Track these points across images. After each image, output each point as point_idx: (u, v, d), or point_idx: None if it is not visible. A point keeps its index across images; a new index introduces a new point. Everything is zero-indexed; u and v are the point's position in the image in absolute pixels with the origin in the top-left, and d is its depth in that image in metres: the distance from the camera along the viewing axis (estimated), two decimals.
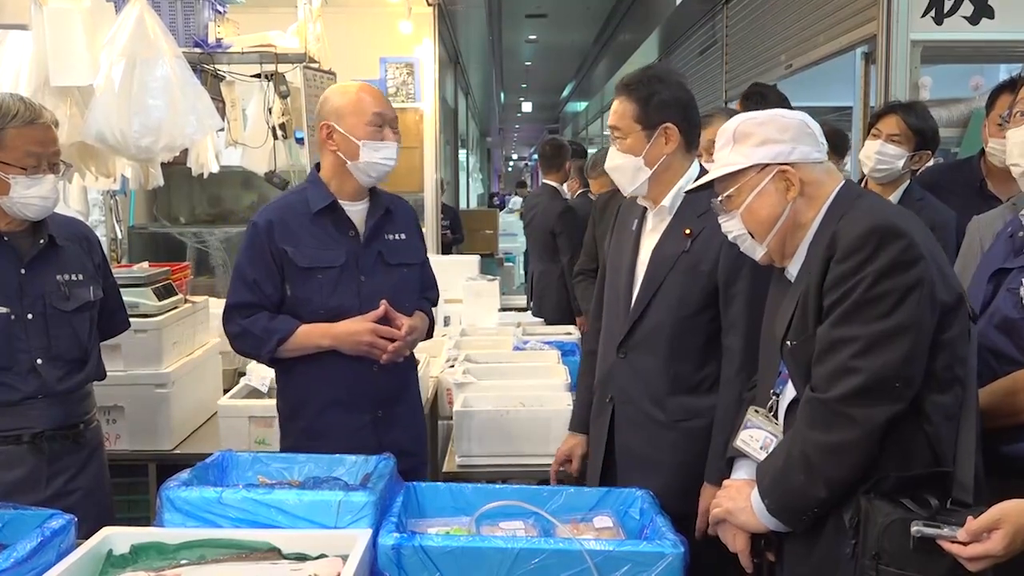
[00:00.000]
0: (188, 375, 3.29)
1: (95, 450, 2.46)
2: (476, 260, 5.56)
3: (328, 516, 1.65)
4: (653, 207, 2.28)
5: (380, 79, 6.62)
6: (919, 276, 1.55)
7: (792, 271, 1.77)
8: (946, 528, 1.43)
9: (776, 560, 1.76)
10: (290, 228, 2.39)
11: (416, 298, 2.56)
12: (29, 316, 2.28)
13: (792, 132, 1.73)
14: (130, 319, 2.74)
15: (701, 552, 1.86)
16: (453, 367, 3.42)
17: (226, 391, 3.41)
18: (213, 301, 3.82)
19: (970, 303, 1.67)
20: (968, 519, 1.42)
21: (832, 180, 1.75)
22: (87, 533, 1.60)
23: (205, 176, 4.08)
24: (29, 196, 2.23)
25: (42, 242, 2.33)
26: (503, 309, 5.12)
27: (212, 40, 3.72)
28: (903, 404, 1.56)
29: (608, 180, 2.69)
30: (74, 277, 2.38)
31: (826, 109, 6.95)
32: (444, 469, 2.93)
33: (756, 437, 1.77)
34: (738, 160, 1.76)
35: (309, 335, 2.37)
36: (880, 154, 3.05)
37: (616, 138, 2.25)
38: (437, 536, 1.67)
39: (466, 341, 4.07)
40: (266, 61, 3.75)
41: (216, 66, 3.75)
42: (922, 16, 4.18)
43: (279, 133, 3.80)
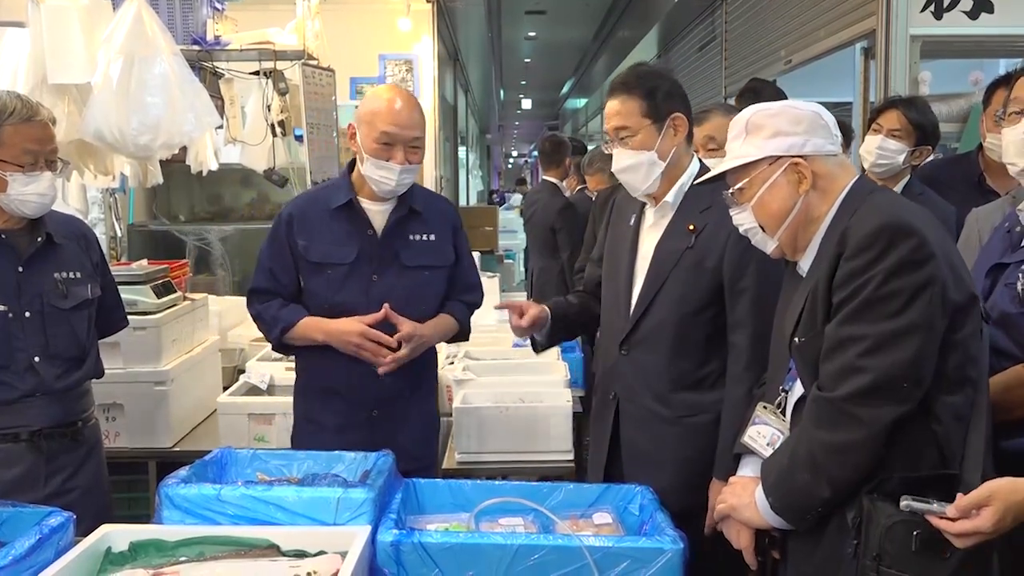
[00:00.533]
0: (187, 373, 3.28)
1: (93, 448, 2.46)
2: (476, 257, 5.53)
3: (327, 513, 1.65)
4: (654, 204, 2.27)
5: (379, 76, 6.61)
6: (930, 275, 1.52)
7: (804, 266, 1.75)
8: (936, 504, 1.42)
9: (781, 558, 1.75)
10: (308, 222, 2.42)
11: (437, 301, 2.51)
12: (27, 314, 2.28)
13: (805, 124, 1.71)
14: (129, 317, 2.75)
15: (708, 549, 1.85)
16: (453, 364, 3.42)
17: (226, 388, 3.41)
18: (213, 299, 3.83)
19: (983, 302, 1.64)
20: (958, 495, 1.41)
21: (846, 174, 1.72)
22: (86, 531, 1.60)
23: (204, 174, 4.08)
24: (27, 193, 2.23)
25: (40, 240, 2.33)
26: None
27: (210, 37, 3.71)
28: (911, 405, 1.53)
29: (605, 176, 2.66)
30: (72, 275, 2.38)
31: (826, 105, 6.87)
32: (443, 466, 2.93)
33: (763, 433, 1.76)
34: (750, 152, 1.73)
35: (308, 327, 2.40)
36: (881, 149, 3.05)
37: (624, 138, 2.19)
38: (436, 532, 1.67)
39: None
40: (265, 58, 3.75)
41: (215, 63, 3.74)
42: (921, 11, 4.17)
43: (278, 130, 3.80)
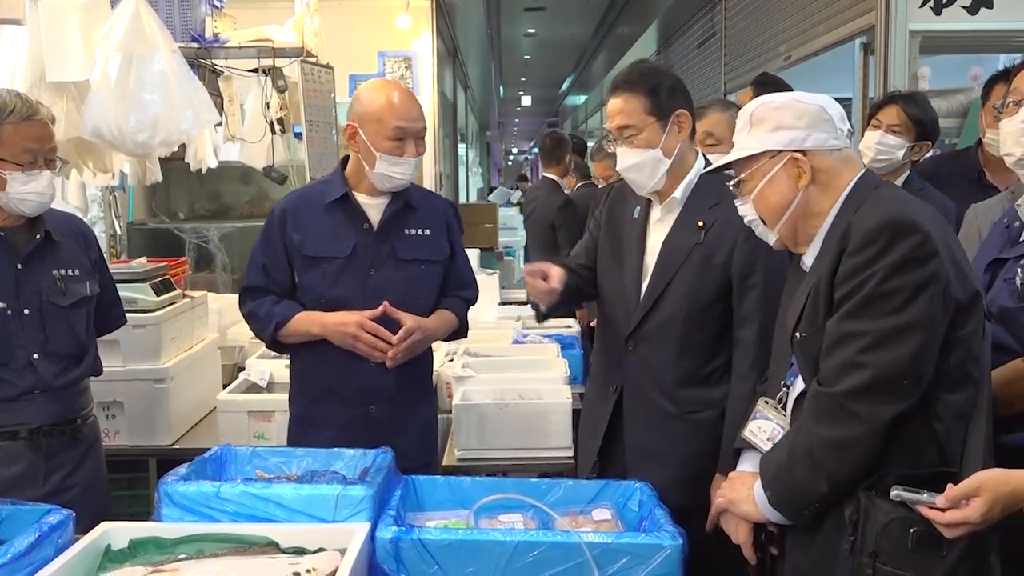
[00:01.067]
0: (187, 370, 3.29)
1: (92, 445, 2.46)
2: (476, 254, 5.54)
3: (326, 510, 1.65)
4: (660, 201, 2.26)
5: (378, 73, 6.60)
6: (932, 272, 1.52)
7: (808, 261, 1.75)
8: (926, 494, 1.43)
9: (779, 552, 1.75)
10: (302, 217, 2.42)
11: (434, 296, 2.51)
12: (25, 311, 2.28)
13: (808, 118, 1.70)
14: (128, 315, 2.75)
15: (710, 546, 1.85)
16: (452, 360, 3.42)
17: (225, 386, 3.41)
18: (212, 296, 3.83)
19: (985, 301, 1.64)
20: (948, 486, 1.41)
21: (850, 169, 1.72)
22: (85, 528, 1.60)
23: (203, 171, 4.08)
24: (26, 192, 2.23)
25: (38, 237, 2.33)
26: (503, 303, 5.12)
27: (209, 35, 3.71)
28: (910, 402, 1.53)
29: (612, 162, 2.64)
30: (71, 272, 2.38)
31: None
32: (443, 462, 2.93)
33: (764, 428, 1.76)
34: (752, 145, 1.74)
35: (303, 322, 2.38)
36: (880, 144, 3.04)
37: (628, 136, 2.19)
38: (435, 529, 1.67)
39: None
40: (264, 56, 3.75)
41: (213, 61, 3.73)
42: (921, 6, 4.16)
43: (277, 128, 3.80)
